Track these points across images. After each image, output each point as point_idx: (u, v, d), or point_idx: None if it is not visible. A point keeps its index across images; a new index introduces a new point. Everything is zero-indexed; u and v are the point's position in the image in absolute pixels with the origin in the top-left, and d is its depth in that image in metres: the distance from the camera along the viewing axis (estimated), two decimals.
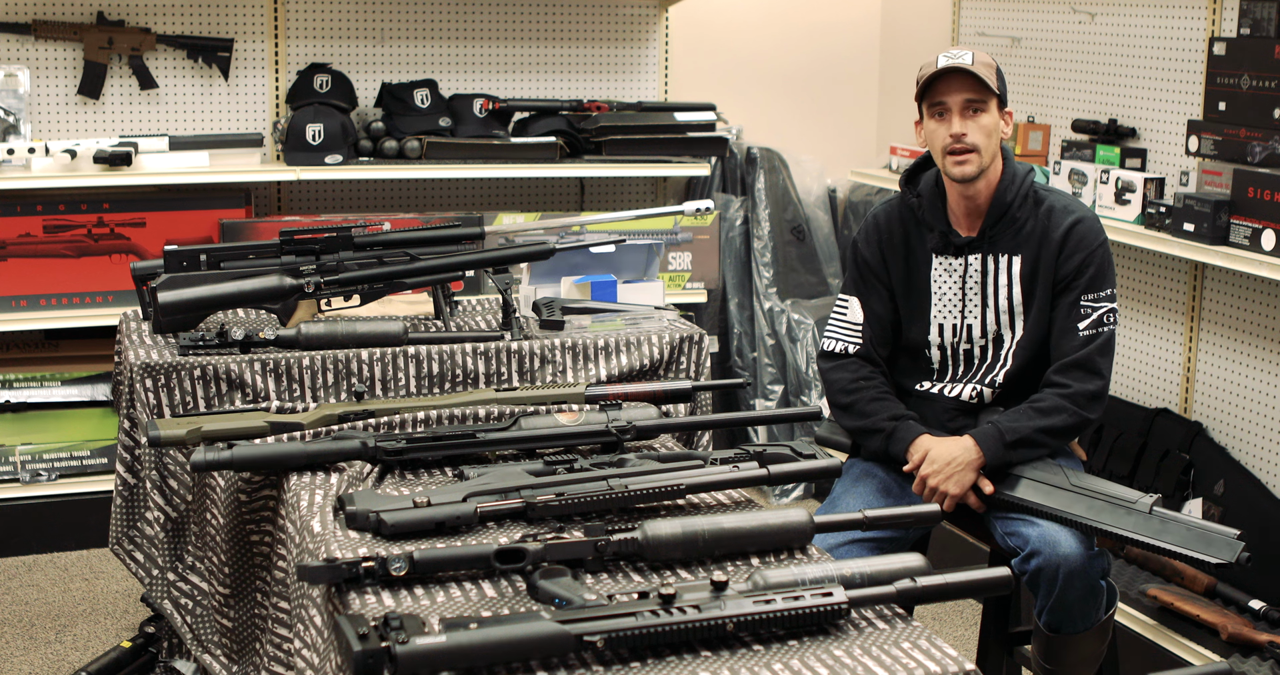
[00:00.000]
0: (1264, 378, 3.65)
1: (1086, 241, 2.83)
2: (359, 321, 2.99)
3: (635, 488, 2.23)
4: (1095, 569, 2.69)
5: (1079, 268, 2.82)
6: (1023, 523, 2.73)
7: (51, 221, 4.28)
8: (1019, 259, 2.86)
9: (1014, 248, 2.86)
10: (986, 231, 2.86)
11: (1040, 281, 2.85)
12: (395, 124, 4.56)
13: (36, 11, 4.40)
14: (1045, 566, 2.65)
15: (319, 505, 2.30)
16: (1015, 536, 2.73)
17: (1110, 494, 2.68)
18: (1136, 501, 2.66)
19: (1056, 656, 2.76)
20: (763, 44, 5.30)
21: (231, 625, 2.65)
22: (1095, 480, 2.72)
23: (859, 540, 2.74)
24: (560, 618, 1.77)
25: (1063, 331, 2.83)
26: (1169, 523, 2.62)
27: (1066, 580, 2.64)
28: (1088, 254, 2.82)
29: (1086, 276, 2.81)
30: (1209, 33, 3.74)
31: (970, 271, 2.88)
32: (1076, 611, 2.69)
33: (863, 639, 1.86)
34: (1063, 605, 2.68)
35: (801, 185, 5.21)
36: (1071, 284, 2.83)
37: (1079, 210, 2.86)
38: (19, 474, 4.31)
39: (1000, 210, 2.85)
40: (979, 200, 2.85)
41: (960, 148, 2.77)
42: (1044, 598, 2.69)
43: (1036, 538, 2.68)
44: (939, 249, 2.90)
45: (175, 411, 2.87)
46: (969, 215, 2.88)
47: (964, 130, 2.76)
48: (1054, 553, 2.64)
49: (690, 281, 4.75)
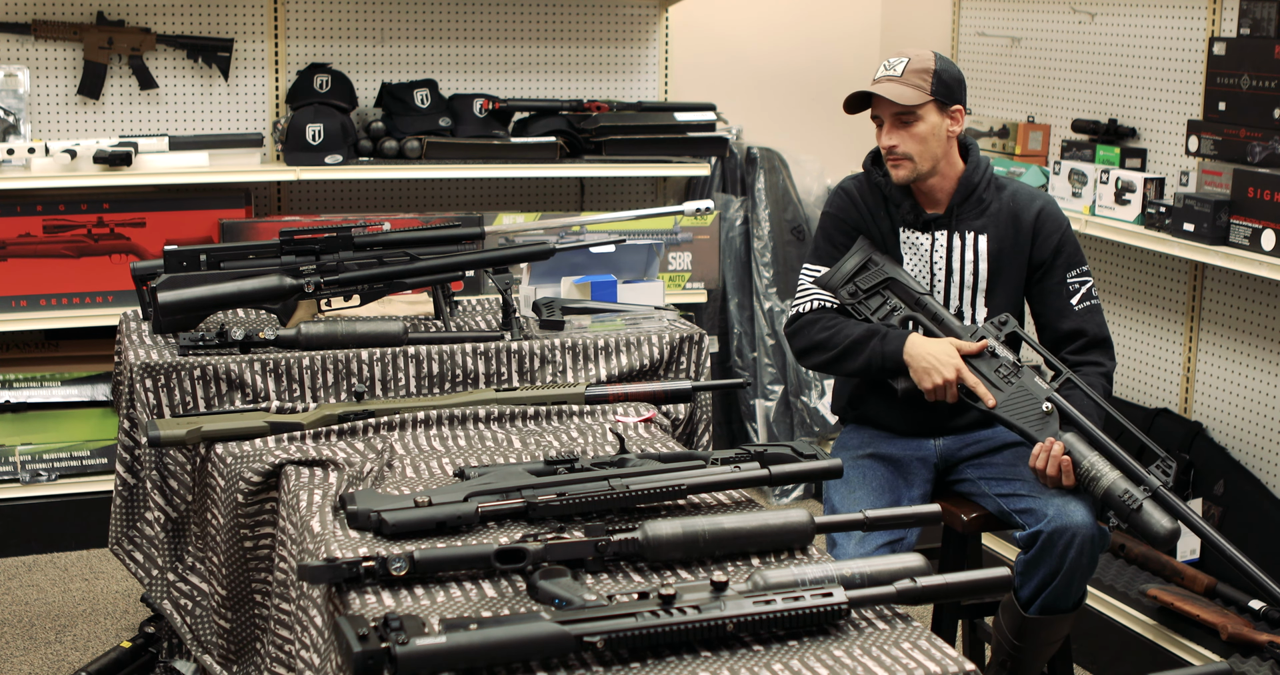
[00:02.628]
0: (1264, 378, 3.65)
1: (1058, 223, 2.99)
2: (359, 321, 2.99)
3: (636, 488, 2.22)
4: (1103, 542, 2.76)
5: (1056, 248, 2.98)
6: (1030, 498, 2.80)
7: (51, 221, 4.28)
8: (985, 237, 2.98)
9: (980, 226, 2.99)
10: (955, 209, 2.98)
11: (1010, 261, 2.98)
12: (395, 124, 4.56)
13: (36, 11, 4.40)
14: (1058, 533, 2.71)
15: (319, 505, 2.30)
16: (1028, 513, 2.80)
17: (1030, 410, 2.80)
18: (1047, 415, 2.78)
19: (1028, 634, 2.82)
20: (763, 44, 5.30)
21: (231, 626, 2.65)
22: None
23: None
24: (560, 618, 1.77)
25: (1059, 311, 2.97)
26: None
27: (1079, 549, 2.71)
28: (1061, 235, 2.99)
29: (1065, 255, 2.98)
30: (1209, 33, 3.74)
31: (937, 245, 2.99)
32: (1076, 586, 2.76)
33: (863, 639, 1.86)
34: (1069, 576, 2.73)
35: (801, 185, 5.21)
36: (1053, 265, 2.98)
37: (1041, 195, 3.06)
38: (19, 474, 4.31)
39: (967, 190, 2.98)
40: (936, 193, 2.98)
41: (892, 157, 2.92)
42: (1048, 568, 2.73)
43: (1053, 510, 2.74)
44: (908, 222, 3.00)
45: (175, 411, 2.87)
46: (933, 196, 3.00)
47: (894, 141, 2.91)
48: (1068, 520, 2.71)
49: (690, 281, 4.75)
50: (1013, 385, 2.81)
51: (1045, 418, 2.78)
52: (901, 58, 2.90)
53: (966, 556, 3.08)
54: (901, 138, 2.89)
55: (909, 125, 2.89)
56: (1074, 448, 2.75)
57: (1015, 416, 2.80)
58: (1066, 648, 3.00)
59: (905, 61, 2.89)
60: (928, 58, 2.90)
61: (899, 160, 2.91)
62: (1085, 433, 2.76)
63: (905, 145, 2.89)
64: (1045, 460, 2.76)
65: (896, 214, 3.01)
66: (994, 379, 2.83)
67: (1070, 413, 2.77)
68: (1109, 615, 3.63)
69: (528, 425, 2.76)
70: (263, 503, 2.54)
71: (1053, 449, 2.75)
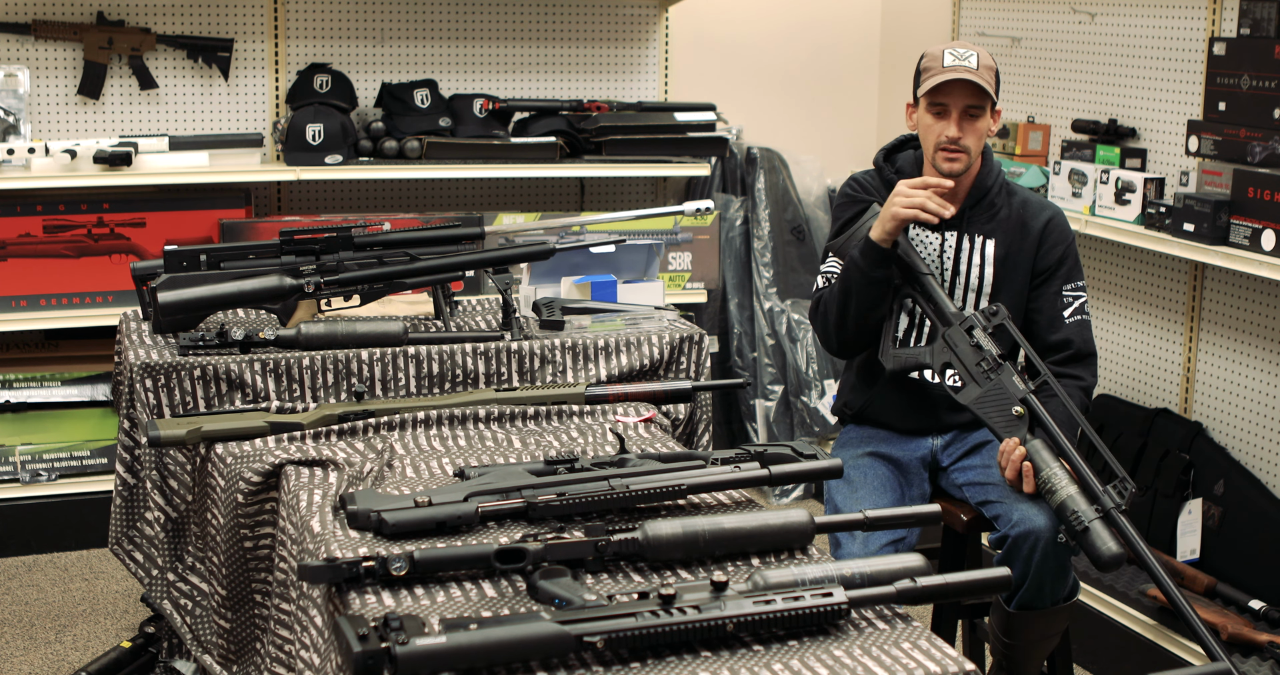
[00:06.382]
0: (1264, 378, 3.65)
1: (1064, 235, 3.01)
2: (359, 321, 2.99)
3: (636, 488, 2.22)
4: (1065, 547, 2.76)
5: (1059, 259, 2.99)
6: (1000, 504, 2.82)
7: (51, 221, 4.28)
8: (992, 242, 2.99)
9: (989, 231, 2.99)
10: (965, 212, 2.99)
11: (1015, 267, 2.99)
12: (395, 124, 4.56)
13: (36, 11, 4.40)
14: (1022, 538, 2.73)
15: (319, 505, 2.30)
16: (997, 517, 2.82)
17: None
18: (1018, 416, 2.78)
19: (1016, 631, 2.84)
20: (763, 44, 5.30)
21: (231, 626, 2.65)
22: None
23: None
24: (560, 618, 1.77)
25: (1050, 321, 2.98)
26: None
27: (1043, 553, 2.73)
28: (1066, 247, 3.00)
29: (1065, 267, 3.00)
30: (1209, 33, 3.74)
31: (946, 246, 2.99)
32: (1046, 587, 2.78)
33: (863, 639, 1.86)
34: (1037, 578, 2.76)
35: (801, 185, 5.21)
36: (1053, 275, 2.99)
37: (1050, 205, 3.05)
38: (19, 474, 4.31)
39: (980, 194, 2.99)
40: (957, 189, 2.98)
41: (954, 148, 2.89)
42: (1017, 571, 2.76)
43: (1018, 515, 2.76)
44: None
45: (175, 411, 2.87)
46: (946, 198, 2.96)
47: (960, 134, 2.88)
48: (1031, 524, 2.73)
49: (690, 281, 4.75)
50: (990, 381, 2.80)
51: (1015, 420, 2.77)
52: (969, 51, 2.87)
53: (966, 556, 3.08)
54: (966, 131, 2.88)
55: (974, 119, 2.88)
56: (1037, 455, 2.73)
57: (987, 413, 2.80)
58: (1066, 647, 3.00)
59: (974, 55, 2.86)
60: (987, 54, 2.90)
61: (957, 154, 2.89)
62: (1054, 440, 2.75)
63: (967, 138, 2.88)
64: (1005, 461, 2.77)
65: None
66: (973, 372, 2.82)
67: (1042, 418, 2.76)
68: (1109, 615, 3.63)
69: (528, 425, 2.76)
70: (263, 503, 2.54)
71: (1013, 452, 2.75)
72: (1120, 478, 2.66)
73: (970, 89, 2.85)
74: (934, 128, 2.89)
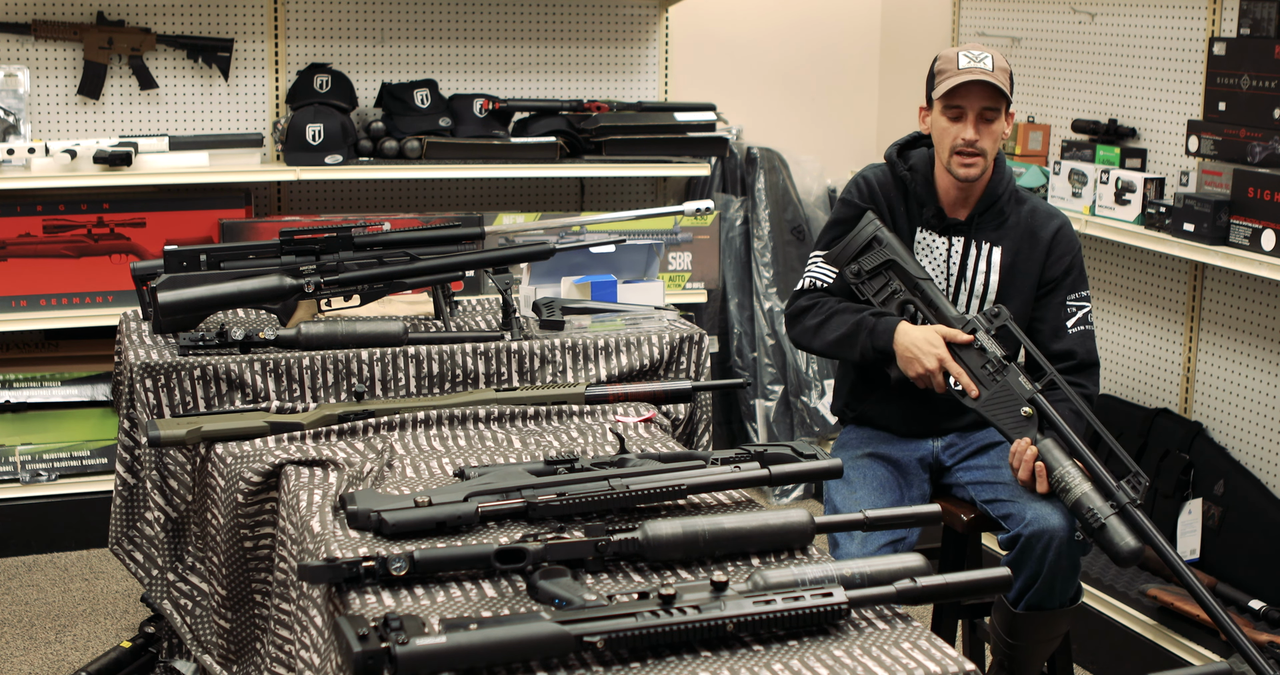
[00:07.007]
0: (1264, 378, 3.65)
1: (1072, 245, 3.01)
2: (359, 321, 2.99)
3: (636, 488, 2.22)
4: (1084, 546, 2.77)
5: (1066, 269, 2.99)
6: (1011, 503, 2.81)
7: (51, 221, 4.28)
8: (1000, 249, 2.98)
9: (997, 238, 2.99)
10: (975, 218, 2.98)
11: (1022, 275, 2.98)
12: (395, 124, 4.56)
13: (36, 11, 4.40)
14: (1035, 537, 2.72)
15: (319, 505, 2.30)
16: (1008, 517, 2.81)
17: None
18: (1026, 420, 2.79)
19: (1020, 632, 2.84)
20: (763, 44, 5.30)
21: (231, 626, 2.65)
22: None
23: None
24: (560, 618, 1.77)
25: (1054, 330, 2.98)
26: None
27: (1057, 552, 2.72)
28: (1073, 257, 3.00)
29: (1071, 278, 2.99)
30: (1209, 33, 3.74)
31: (953, 252, 2.98)
32: (1057, 587, 2.78)
33: (863, 639, 1.86)
34: (1050, 578, 2.75)
35: (801, 185, 5.21)
36: (1060, 284, 2.99)
37: (1059, 214, 3.04)
38: (19, 474, 4.31)
39: (990, 200, 2.98)
40: (971, 192, 2.97)
41: (970, 151, 2.88)
42: (1029, 571, 2.75)
43: (1031, 514, 2.75)
44: (928, 224, 2.99)
45: (175, 411, 2.87)
46: (957, 202, 2.99)
47: (977, 137, 2.87)
48: (1045, 524, 2.72)
49: (690, 281, 4.75)
50: (997, 383, 2.80)
51: (1024, 421, 2.77)
52: (984, 53, 2.86)
53: (966, 556, 3.08)
54: (983, 134, 2.87)
55: (991, 122, 2.87)
56: (1049, 454, 2.73)
57: (996, 415, 2.80)
58: (1066, 647, 3.00)
59: (989, 57, 2.86)
60: (1001, 56, 2.89)
61: (974, 158, 2.88)
62: (1064, 439, 2.75)
63: (984, 141, 2.87)
64: (1018, 462, 2.77)
65: (918, 213, 3.00)
66: (979, 374, 2.82)
67: (1051, 416, 2.76)
68: (1109, 615, 3.63)
69: (528, 425, 2.76)
70: (263, 503, 2.54)
71: (1025, 452, 2.75)
72: (1133, 472, 2.67)
73: (986, 91, 2.84)
74: (950, 130, 2.88)
